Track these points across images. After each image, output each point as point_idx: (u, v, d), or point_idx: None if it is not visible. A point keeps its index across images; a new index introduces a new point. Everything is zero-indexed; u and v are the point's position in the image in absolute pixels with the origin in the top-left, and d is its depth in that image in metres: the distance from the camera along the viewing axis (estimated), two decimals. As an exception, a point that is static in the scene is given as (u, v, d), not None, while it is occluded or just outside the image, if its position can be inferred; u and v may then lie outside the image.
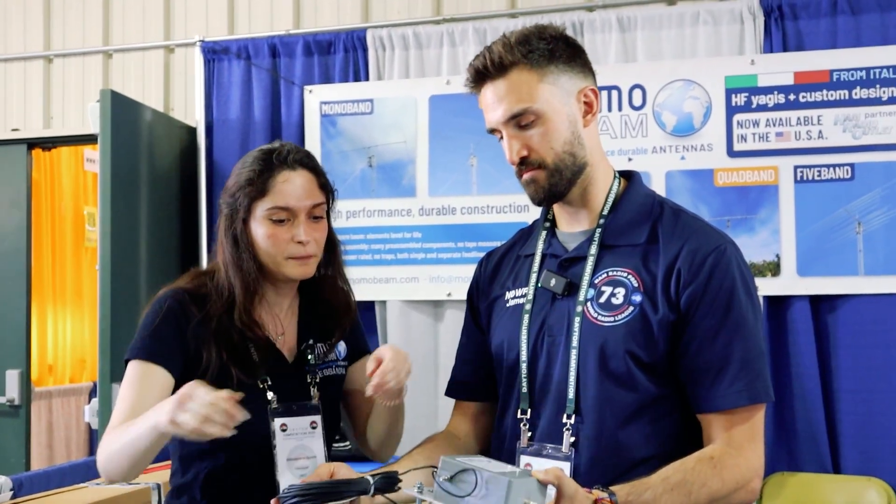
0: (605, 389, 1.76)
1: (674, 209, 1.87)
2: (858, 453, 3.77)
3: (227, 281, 2.00)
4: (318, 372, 2.07)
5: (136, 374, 1.94)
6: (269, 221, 1.97)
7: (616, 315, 1.77)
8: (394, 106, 4.28)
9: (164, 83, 4.80)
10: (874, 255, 3.76)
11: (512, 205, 4.08)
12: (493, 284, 2.00)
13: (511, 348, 1.88)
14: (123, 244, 4.01)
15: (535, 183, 1.81)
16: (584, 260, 1.83)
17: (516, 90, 1.78)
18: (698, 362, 1.74)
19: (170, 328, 1.97)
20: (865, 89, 3.79)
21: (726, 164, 3.91)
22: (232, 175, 2.05)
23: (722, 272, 1.75)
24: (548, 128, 1.79)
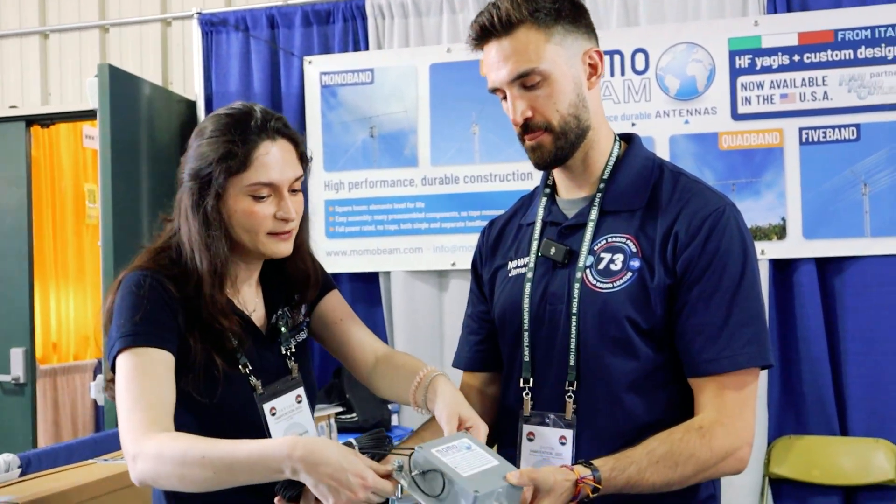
0: (605, 356, 1.74)
1: (673, 172, 1.85)
2: (866, 415, 3.76)
3: (192, 263, 1.82)
4: (292, 340, 1.96)
5: (137, 364, 1.74)
6: (248, 198, 1.79)
7: (614, 281, 1.75)
8: (394, 75, 4.24)
9: (161, 57, 4.76)
10: (880, 216, 3.73)
11: (515, 173, 4.06)
12: (496, 254, 1.98)
13: (513, 318, 1.86)
14: (124, 220, 3.99)
15: (540, 148, 1.78)
16: (583, 227, 1.81)
17: (523, 49, 1.73)
18: (691, 325, 1.71)
19: (160, 309, 1.78)
20: (871, 49, 3.76)
21: (731, 128, 3.88)
22: (196, 144, 1.84)
23: (719, 235, 1.72)
24: (553, 89, 1.75)
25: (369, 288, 4.28)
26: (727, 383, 1.70)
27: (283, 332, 1.95)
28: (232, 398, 1.83)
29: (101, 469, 2.78)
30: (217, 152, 1.78)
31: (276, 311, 1.96)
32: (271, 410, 1.86)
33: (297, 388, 1.92)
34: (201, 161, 1.80)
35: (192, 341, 1.80)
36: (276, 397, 1.88)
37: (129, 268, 1.86)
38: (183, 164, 1.86)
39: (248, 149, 1.78)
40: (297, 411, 1.91)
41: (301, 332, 2.01)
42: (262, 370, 1.89)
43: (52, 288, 6.44)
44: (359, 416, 3.83)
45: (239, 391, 1.85)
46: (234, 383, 1.84)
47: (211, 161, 1.78)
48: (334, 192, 4.25)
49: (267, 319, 1.95)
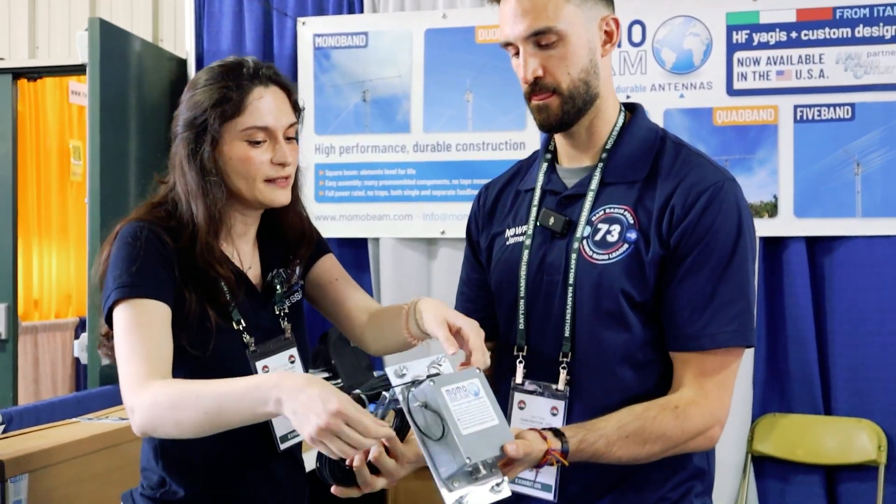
0: (600, 329, 1.73)
1: (675, 143, 1.82)
2: (850, 395, 3.78)
3: (188, 213, 1.82)
4: (287, 300, 1.96)
5: (135, 315, 1.73)
6: (244, 143, 1.81)
7: (610, 253, 1.73)
8: (389, 39, 4.19)
9: (152, 13, 4.70)
10: (872, 197, 3.73)
11: (508, 142, 4.03)
12: (493, 220, 1.96)
13: (510, 286, 1.84)
14: (112, 177, 3.94)
15: (547, 109, 1.75)
16: (583, 197, 1.79)
17: (543, 6, 1.71)
18: (678, 299, 1.70)
19: (155, 260, 1.77)
20: (868, 27, 3.74)
21: (726, 103, 3.86)
22: (188, 97, 1.84)
23: (715, 209, 1.70)
24: (568, 51, 1.72)
25: (358, 254, 4.26)
26: (707, 361, 1.70)
27: (278, 291, 1.94)
28: (224, 354, 1.83)
29: (85, 428, 2.77)
30: (211, 99, 1.79)
31: (272, 271, 1.95)
32: (264, 368, 1.87)
33: (290, 348, 1.93)
34: (196, 109, 1.81)
35: (186, 293, 1.80)
36: (268, 356, 1.89)
37: (124, 220, 1.85)
38: (176, 118, 1.87)
39: (241, 93, 1.80)
40: (289, 371, 1.89)
41: (296, 294, 2.00)
42: (256, 328, 1.89)
43: (34, 244, 6.40)
44: (344, 381, 3.81)
45: (232, 347, 1.84)
46: (228, 339, 1.84)
47: (206, 108, 1.80)
48: (325, 155, 4.22)
49: (263, 278, 1.95)
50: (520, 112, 4.01)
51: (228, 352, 1.84)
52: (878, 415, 3.72)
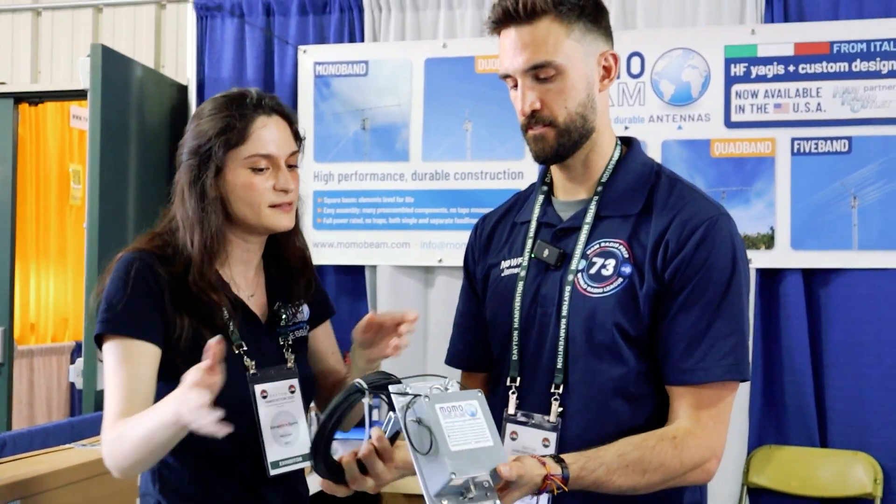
0: (593, 361, 1.74)
1: (670, 178, 1.83)
2: (846, 428, 3.77)
3: (185, 240, 1.87)
4: (290, 333, 2.00)
5: (120, 354, 1.80)
6: (248, 171, 1.86)
7: (605, 286, 1.74)
8: (389, 68, 4.22)
9: (154, 40, 4.72)
10: (868, 230, 3.74)
11: (506, 171, 4.05)
12: (489, 252, 1.97)
13: (505, 318, 1.85)
14: (111, 202, 3.95)
15: (542, 141, 1.77)
16: (578, 230, 1.80)
17: (542, 40, 1.72)
18: (673, 333, 1.71)
19: (144, 296, 1.81)
20: (865, 62, 3.76)
21: (723, 135, 3.88)
22: (193, 126, 1.91)
23: (710, 244, 1.71)
24: (566, 85, 1.74)
25: (355, 281, 4.26)
26: (703, 394, 1.70)
27: (283, 322, 1.99)
28: (225, 378, 1.80)
29: (80, 454, 2.76)
30: (216, 127, 1.86)
31: (278, 300, 2.01)
32: (262, 393, 1.90)
33: (291, 378, 1.95)
34: (200, 138, 1.88)
35: (178, 320, 1.84)
36: (268, 381, 1.92)
37: (125, 249, 1.91)
38: (180, 147, 1.93)
39: (245, 122, 1.86)
40: (288, 400, 1.94)
41: (301, 330, 2.04)
42: (258, 353, 1.93)
43: (32, 268, 6.40)
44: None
45: (231, 371, 1.83)
46: (228, 362, 1.81)
47: (210, 136, 1.86)
48: (323, 183, 4.23)
49: (269, 307, 2.00)
50: (518, 142, 4.02)
51: (228, 375, 1.81)
52: (874, 448, 3.72)
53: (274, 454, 1.89)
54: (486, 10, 4.14)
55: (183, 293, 1.85)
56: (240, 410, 1.84)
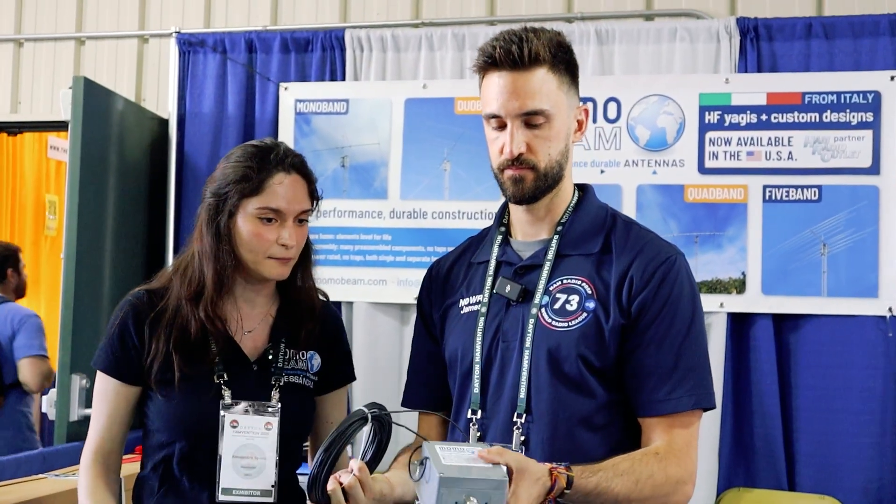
0: (558, 392, 1.81)
1: (625, 221, 1.95)
2: (814, 471, 3.82)
3: (198, 270, 2.02)
4: (284, 376, 2.07)
5: (103, 388, 2.06)
6: (257, 220, 1.99)
7: (570, 321, 1.83)
8: (369, 107, 4.27)
9: (136, 73, 4.75)
10: (837, 277, 3.81)
11: (483, 211, 4.09)
12: (445, 292, 2.03)
13: (465, 353, 1.92)
14: (89, 234, 3.96)
15: (522, 182, 1.85)
16: (539, 268, 1.88)
17: (539, 88, 1.80)
18: (644, 366, 1.80)
19: (125, 340, 2.03)
20: (836, 113, 3.85)
21: (697, 181, 3.95)
22: (221, 166, 2.06)
23: (671, 282, 1.82)
24: (552, 133, 1.83)
25: (331, 317, 4.27)
26: (675, 422, 1.79)
27: (278, 363, 2.07)
28: (198, 400, 1.99)
29: (53, 484, 2.77)
30: (236, 175, 2.01)
31: (278, 342, 2.09)
32: (232, 423, 1.98)
33: (271, 416, 2.02)
34: (222, 181, 2.03)
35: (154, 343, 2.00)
36: (242, 414, 1.99)
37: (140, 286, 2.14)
38: (208, 183, 2.08)
39: (263, 176, 1.99)
40: (261, 436, 2.00)
41: (304, 379, 2.11)
42: (241, 389, 2.02)
43: (5, 298, 6.34)
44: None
45: (208, 398, 1.99)
46: (203, 388, 1.99)
47: (230, 182, 2.01)
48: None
49: (269, 346, 2.09)
50: (495, 182, 4.07)
51: (200, 398, 1.99)
52: (841, 491, 3.76)
53: (228, 481, 1.97)
54: (466, 53, 4.21)
55: (172, 319, 2.02)
56: (208, 436, 1.97)
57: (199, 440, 1.98)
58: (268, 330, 2.10)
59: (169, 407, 1.99)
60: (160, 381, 2.00)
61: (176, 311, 2.02)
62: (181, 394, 1.98)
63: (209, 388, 1.99)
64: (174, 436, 1.99)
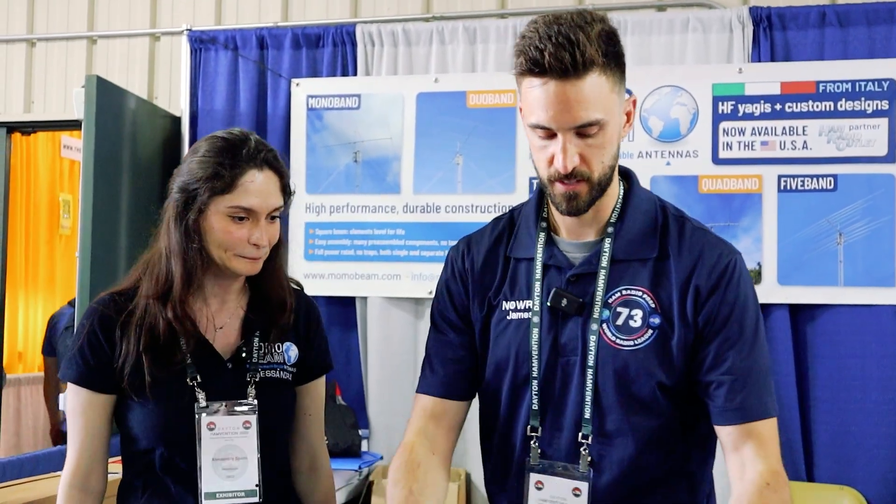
0: (627, 413, 1.73)
1: (676, 216, 1.82)
2: (832, 462, 3.80)
3: (165, 268, 1.94)
4: (260, 371, 2.00)
5: (77, 401, 1.96)
6: (227, 218, 1.91)
7: (635, 339, 1.73)
8: (381, 102, 4.26)
9: (148, 71, 4.76)
10: (854, 267, 3.79)
11: (496, 205, 4.08)
12: (484, 286, 1.86)
13: (520, 365, 1.79)
14: (103, 232, 3.97)
15: (577, 198, 1.69)
16: (593, 275, 1.76)
17: (592, 97, 1.61)
18: (718, 375, 1.71)
19: (94, 348, 1.93)
20: (850, 101, 3.83)
21: (711, 171, 3.93)
22: (189, 160, 1.96)
23: (735, 286, 1.73)
24: (606, 140, 1.67)
25: (346, 312, 4.28)
26: (761, 428, 1.70)
27: (253, 358, 2.00)
28: (173, 404, 1.92)
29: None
30: (206, 171, 1.90)
31: (249, 338, 2.02)
32: (209, 425, 1.93)
33: (248, 414, 1.96)
34: (190, 177, 1.92)
35: (125, 345, 1.92)
36: (219, 414, 1.94)
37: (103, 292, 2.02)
38: (174, 177, 1.97)
39: (235, 173, 1.90)
40: (240, 435, 1.95)
41: (282, 373, 2.05)
42: (215, 388, 1.96)
43: (20, 297, 6.39)
44: (329, 440, 3.81)
45: (182, 400, 1.93)
46: (176, 391, 1.93)
47: (199, 178, 1.90)
48: (315, 214, 4.26)
49: (242, 342, 2.02)
50: (508, 175, 4.07)
51: (175, 404, 1.93)
52: (859, 482, 3.74)
53: (211, 485, 1.92)
54: (477, 46, 4.20)
55: (141, 321, 1.93)
56: (187, 441, 1.92)
57: (178, 445, 1.92)
58: (240, 325, 2.02)
59: (145, 413, 1.92)
60: (132, 386, 1.92)
61: (145, 312, 1.94)
62: (155, 399, 1.91)
63: (183, 391, 1.93)
64: (153, 442, 1.92)
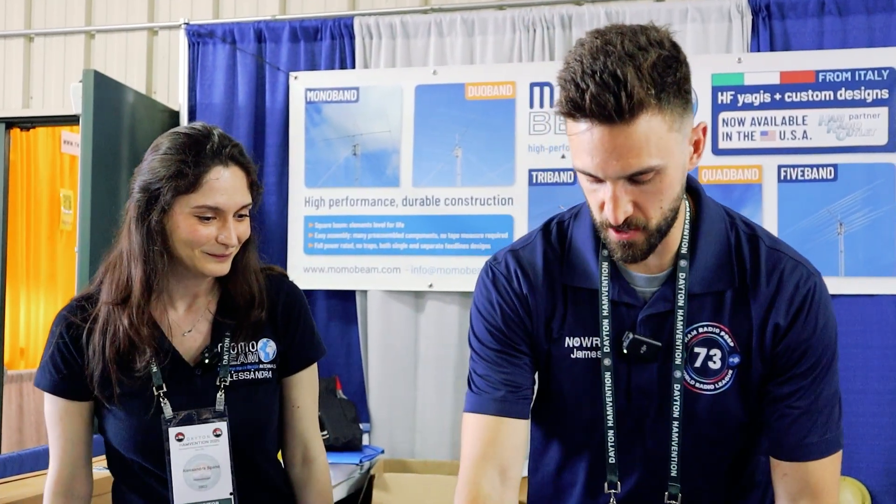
0: (709, 458, 1.65)
1: (749, 237, 1.63)
2: (834, 453, 3.78)
3: (126, 273, 1.87)
4: (230, 374, 1.91)
5: (52, 410, 1.92)
6: (193, 218, 1.82)
7: (716, 382, 1.61)
8: (379, 94, 4.25)
9: (146, 66, 4.75)
10: (855, 256, 3.78)
11: (496, 197, 4.07)
12: (540, 315, 1.67)
13: (590, 411, 1.65)
14: (102, 227, 3.94)
15: (632, 247, 1.52)
16: (670, 314, 1.60)
17: (644, 143, 1.41)
18: (791, 411, 1.59)
19: (64, 357, 1.89)
20: (850, 91, 3.81)
21: (711, 162, 3.92)
22: (150, 158, 1.86)
23: (815, 314, 1.59)
24: (664, 185, 1.46)
25: (345, 306, 4.28)
26: (821, 465, 1.60)
27: (223, 361, 1.92)
28: (138, 417, 1.87)
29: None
30: (168, 170, 1.81)
31: (220, 340, 1.94)
32: (177, 436, 1.86)
33: (217, 421, 1.89)
34: (152, 176, 1.83)
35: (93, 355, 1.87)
36: (187, 424, 1.87)
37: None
38: (135, 176, 1.89)
39: (199, 171, 1.81)
40: (211, 444, 1.88)
41: (257, 372, 1.96)
42: (182, 395, 1.90)
43: (22, 293, 6.39)
44: (330, 434, 3.81)
45: (147, 411, 1.87)
46: (142, 403, 1.87)
47: (162, 177, 1.81)
48: (314, 208, 4.26)
49: (211, 344, 1.93)
50: (507, 167, 4.06)
51: (142, 415, 1.87)
52: (862, 473, 3.74)
53: (183, 497, 1.86)
54: (475, 38, 4.19)
55: (104, 329, 1.87)
56: (157, 454, 1.86)
57: (150, 454, 1.87)
58: (208, 328, 1.93)
59: (116, 423, 1.87)
60: (102, 395, 1.87)
61: (107, 319, 1.87)
62: (123, 411, 1.86)
63: (150, 401, 1.86)
64: (127, 451, 1.88)
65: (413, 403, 4.17)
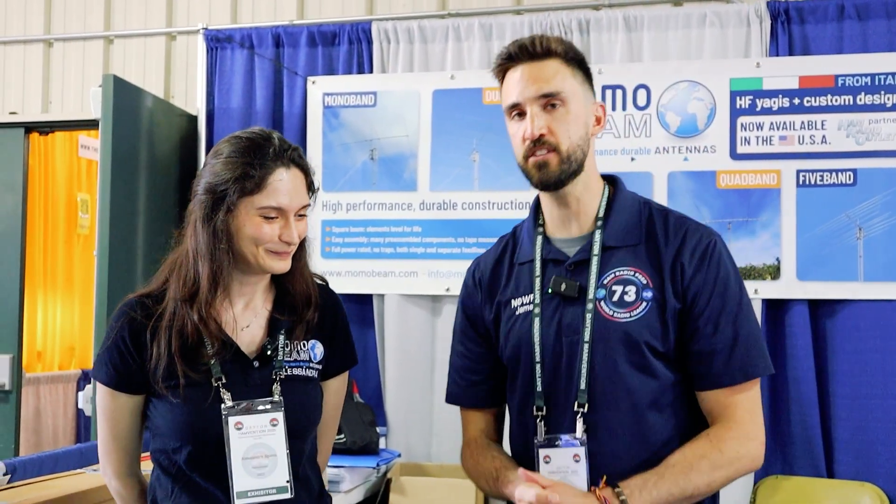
0: (625, 380, 1.89)
1: (660, 210, 2.02)
2: (853, 458, 3.78)
3: (193, 270, 1.95)
4: (285, 369, 2.01)
5: (105, 400, 2.01)
6: (258, 217, 1.92)
7: (631, 311, 1.90)
8: (397, 99, 4.26)
9: (164, 71, 4.77)
10: (874, 261, 3.77)
11: (513, 201, 4.08)
12: (493, 292, 2.07)
13: (526, 352, 1.97)
14: (121, 231, 3.98)
15: (546, 166, 1.90)
16: (587, 262, 1.94)
17: (553, 75, 1.91)
18: (705, 345, 1.88)
19: (122, 353, 1.96)
20: (870, 95, 3.80)
21: (729, 167, 3.91)
22: (213, 161, 1.96)
23: (716, 263, 1.92)
24: (570, 115, 1.91)
25: (363, 310, 4.28)
26: (739, 392, 1.88)
27: (279, 356, 2.01)
28: (197, 406, 1.94)
29: (90, 479, 2.77)
30: (234, 172, 1.91)
31: (276, 336, 2.03)
32: (237, 424, 1.94)
33: (274, 412, 1.97)
34: (217, 178, 1.93)
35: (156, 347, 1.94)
36: (245, 414, 1.95)
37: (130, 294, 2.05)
38: (198, 178, 1.98)
39: (263, 172, 1.91)
40: (268, 433, 1.96)
41: (307, 370, 2.06)
42: (243, 387, 1.97)
43: (39, 296, 6.41)
44: (347, 437, 3.81)
45: (206, 401, 1.94)
46: (203, 394, 1.94)
47: (227, 179, 1.91)
48: (332, 212, 4.26)
49: (268, 339, 2.03)
50: (525, 172, 4.06)
51: (201, 405, 1.94)
52: (880, 478, 3.72)
53: (242, 484, 1.92)
54: (493, 43, 4.19)
55: (170, 323, 1.95)
56: (216, 442, 1.93)
57: (206, 444, 1.93)
58: (265, 324, 2.04)
59: (174, 414, 1.94)
60: (167, 387, 1.94)
61: (174, 314, 1.96)
62: (184, 401, 1.93)
63: (210, 392, 1.94)
64: (182, 441, 1.94)
65: (430, 407, 4.17)
